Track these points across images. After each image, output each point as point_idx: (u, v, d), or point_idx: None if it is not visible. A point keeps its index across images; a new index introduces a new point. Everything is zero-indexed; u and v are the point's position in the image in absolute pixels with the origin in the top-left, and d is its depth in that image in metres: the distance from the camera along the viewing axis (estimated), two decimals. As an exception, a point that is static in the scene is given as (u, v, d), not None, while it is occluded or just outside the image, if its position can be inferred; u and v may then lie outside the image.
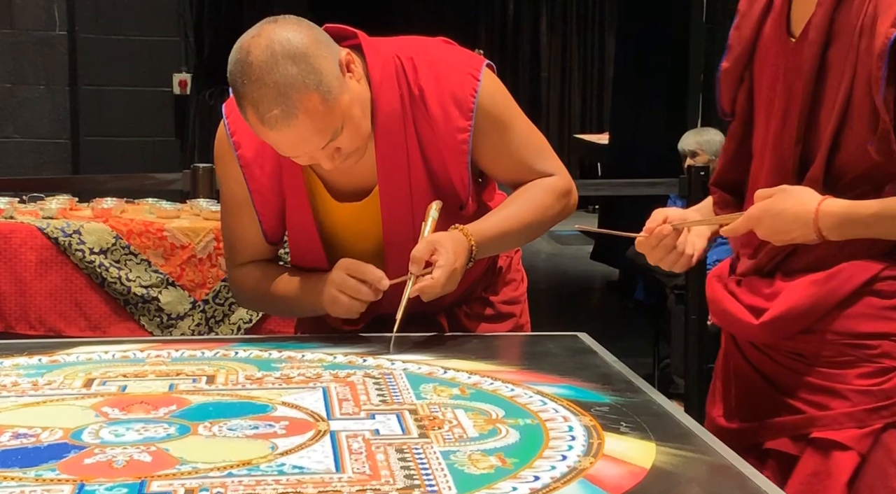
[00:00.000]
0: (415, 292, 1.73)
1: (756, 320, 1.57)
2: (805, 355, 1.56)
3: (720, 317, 1.68)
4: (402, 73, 1.81)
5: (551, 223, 1.95)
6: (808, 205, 1.48)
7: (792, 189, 1.51)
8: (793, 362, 1.58)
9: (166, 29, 5.13)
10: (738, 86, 1.63)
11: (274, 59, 1.61)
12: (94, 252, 2.94)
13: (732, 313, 1.62)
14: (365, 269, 1.78)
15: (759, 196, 1.52)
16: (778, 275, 1.58)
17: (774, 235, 1.51)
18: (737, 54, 1.62)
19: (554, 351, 1.80)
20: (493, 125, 1.85)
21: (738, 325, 1.63)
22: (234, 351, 1.76)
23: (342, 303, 1.79)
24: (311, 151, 1.70)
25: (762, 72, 1.60)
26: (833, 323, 1.53)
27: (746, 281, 1.62)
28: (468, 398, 1.48)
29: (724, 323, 1.68)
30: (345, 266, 1.79)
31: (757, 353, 1.63)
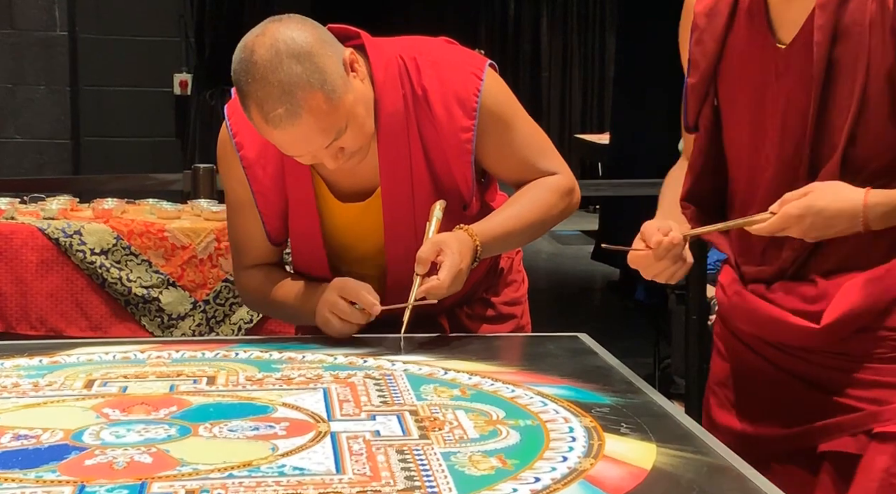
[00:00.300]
0: (421, 293, 1.73)
1: (815, 324, 1.53)
2: (851, 353, 1.54)
3: (760, 326, 1.62)
4: (406, 73, 1.81)
5: (555, 222, 1.95)
6: (853, 198, 1.47)
7: (827, 185, 1.49)
8: (838, 362, 1.55)
9: (167, 29, 5.14)
10: (703, 101, 1.63)
11: (278, 58, 1.61)
12: (94, 252, 2.94)
13: (782, 320, 1.57)
14: (358, 292, 1.78)
15: (790, 197, 1.49)
16: (814, 276, 1.56)
17: (815, 232, 1.48)
18: (703, 69, 1.62)
19: (554, 351, 1.80)
20: (496, 124, 1.85)
21: (791, 332, 1.57)
22: (234, 352, 1.76)
23: (333, 326, 1.80)
24: (315, 150, 1.70)
25: (737, 82, 1.59)
26: (886, 319, 1.52)
27: (779, 287, 1.59)
28: (469, 399, 1.48)
29: (768, 332, 1.61)
30: (339, 287, 1.79)
31: (789, 357, 1.60)
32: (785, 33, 1.54)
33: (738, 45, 1.59)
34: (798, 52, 1.52)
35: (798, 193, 1.49)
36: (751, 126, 1.59)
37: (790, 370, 1.60)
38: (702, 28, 1.62)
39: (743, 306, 1.63)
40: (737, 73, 1.60)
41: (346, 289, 1.79)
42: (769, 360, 1.62)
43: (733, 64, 1.60)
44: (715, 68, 1.61)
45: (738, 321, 1.66)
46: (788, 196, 1.49)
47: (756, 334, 1.63)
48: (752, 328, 1.63)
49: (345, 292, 1.79)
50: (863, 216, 1.47)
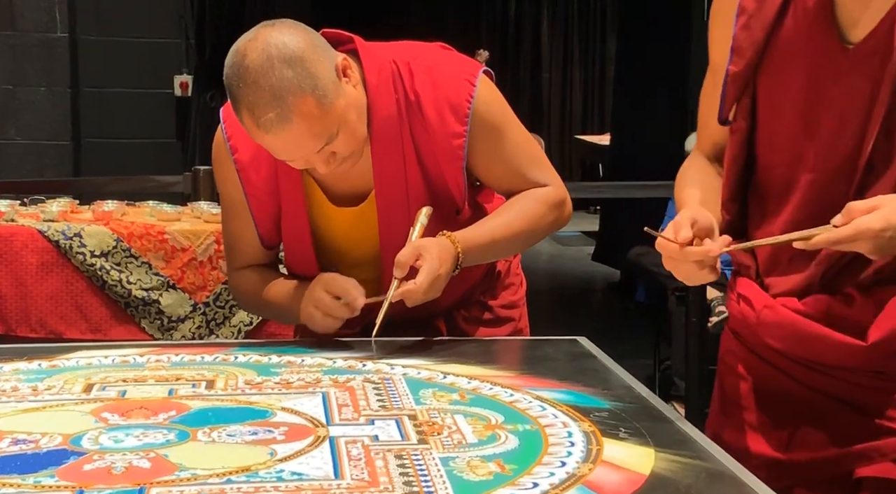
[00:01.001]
0: (397, 297, 1.73)
1: (862, 341, 1.43)
2: (891, 373, 1.45)
3: (796, 343, 1.50)
4: (399, 77, 1.81)
5: (543, 233, 1.94)
6: None
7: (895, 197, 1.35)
8: (878, 381, 1.46)
9: (167, 30, 5.14)
10: (743, 92, 1.53)
11: (270, 63, 1.62)
12: (94, 255, 2.94)
13: (823, 336, 1.46)
14: (342, 287, 1.78)
15: (857, 208, 1.35)
16: (849, 290, 1.45)
17: (891, 249, 1.34)
18: (748, 57, 1.50)
19: (553, 355, 1.80)
20: (487, 132, 1.85)
21: (833, 349, 1.46)
22: (233, 355, 1.76)
23: (317, 320, 1.80)
24: (307, 155, 1.70)
25: (783, 77, 1.49)
26: None
27: (813, 301, 1.48)
28: (467, 403, 1.48)
29: (804, 349, 1.50)
30: (323, 281, 1.80)
31: (822, 376, 1.49)
32: (854, 32, 1.43)
33: (790, 37, 1.47)
34: (868, 53, 1.42)
35: (867, 205, 1.35)
36: (795, 125, 1.48)
37: (824, 390, 1.49)
38: (750, 13, 1.50)
39: (775, 322, 1.51)
40: (784, 68, 1.48)
41: (331, 284, 1.79)
42: (798, 380, 1.52)
43: (781, 56, 1.48)
44: (760, 57, 1.49)
45: (769, 337, 1.53)
46: (855, 207, 1.35)
47: (789, 351, 1.52)
48: (786, 345, 1.52)
49: (329, 287, 1.79)
50: None
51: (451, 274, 1.79)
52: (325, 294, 1.78)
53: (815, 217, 1.45)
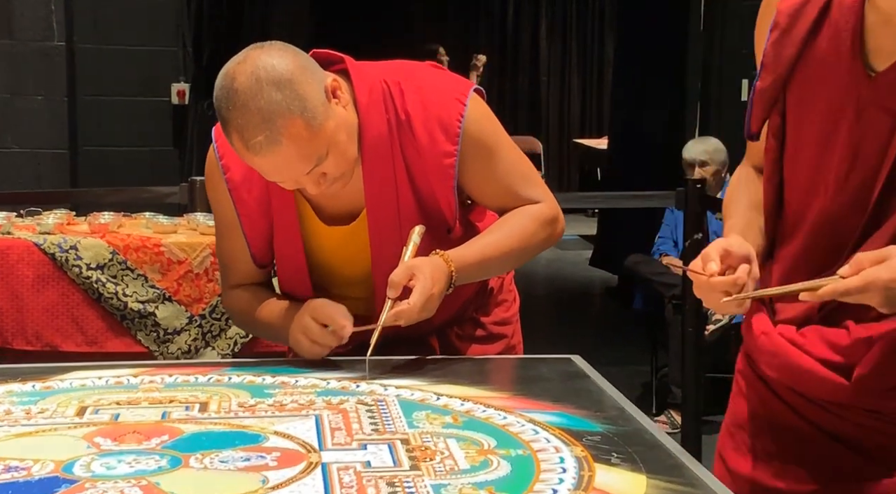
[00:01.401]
0: (391, 317, 1.74)
1: (845, 380, 1.41)
2: (886, 412, 1.42)
3: (786, 374, 1.49)
4: (390, 97, 1.81)
5: (536, 251, 1.94)
6: None
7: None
8: (871, 420, 1.43)
9: (164, 39, 5.14)
10: (772, 107, 1.50)
11: (259, 86, 1.62)
12: (90, 267, 2.94)
13: (809, 370, 1.44)
14: (330, 314, 1.78)
15: (866, 259, 1.31)
16: (848, 323, 1.42)
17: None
18: (777, 73, 1.47)
19: (547, 374, 1.80)
20: (479, 150, 1.85)
21: (818, 385, 1.44)
22: (227, 376, 1.76)
23: (304, 347, 1.81)
24: (297, 176, 1.71)
25: (811, 97, 1.46)
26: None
27: (810, 332, 1.45)
28: (461, 426, 1.48)
29: (795, 382, 1.48)
30: (311, 309, 1.80)
31: (817, 409, 1.47)
32: (879, 61, 1.40)
33: (819, 57, 1.45)
34: (889, 85, 1.39)
35: (876, 256, 1.30)
36: (814, 149, 1.46)
37: (818, 423, 1.48)
38: (783, 28, 1.47)
39: (770, 349, 1.51)
40: (812, 87, 1.46)
41: (318, 311, 1.80)
42: (795, 410, 1.50)
43: (809, 76, 1.46)
44: (789, 75, 1.48)
45: (764, 365, 1.53)
46: (862, 258, 1.31)
47: (781, 381, 1.51)
48: (778, 374, 1.50)
49: (316, 314, 1.79)
50: None
51: (445, 292, 1.79)
52: (312, 321, 1.79)
53: (823, 248, 1.45)
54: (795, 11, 1.47)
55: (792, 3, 1.48)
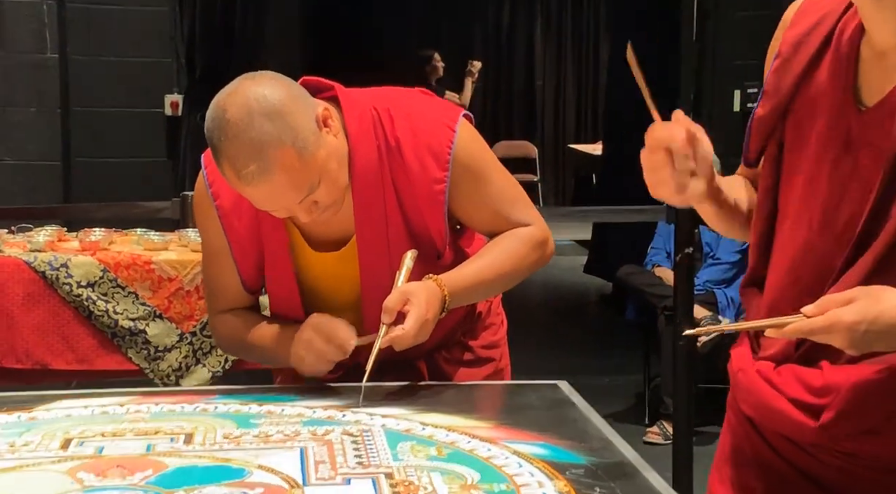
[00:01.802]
0: (386, 343, 1.74)
1: (814, 422, 1.39)
2: (861, 456, 1.40)
3: (760, 413, 1.48)
4: (379, 124, 1.82)
5: (526, 273, 1.95)
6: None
7: (873, 290, 1.30)
8: (847, 463, 1.41)
9: (158, 50, 5.14)
10: (770, 135, 1.50)
11: (250, 117, 1.63)
12: (81, 285, 2.95)
13: (780, 411, 1.43)
14: (333, 329, 1.79)
15: (832, 301, 1.31)
16: (824, 363, 1.40)
17: (864, 344, 1.30)
18: (775, 102, 1.47)
19: (533, 402, 1.80)
20: (469, 176, 1.86)
21: (789, 425, 1.43)
22: (214, 404, 1.76)
23: (308, 363, 1.81)
24: (288, 205, 1.72)
25: (806, 128, 1.46)
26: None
27: (787, 370, 1.44)
28: (445, 459, 1.49)
29: (768, 421, 1.47)
30: (313, 324, 1.80)
31: (795, 449, 1.46)
32: (869, 96, 1.40)
33: (816, 88, 1.45)
34: (876, 121, 1.38)
35: (842, 298, 1.30)
36: (807, 178, 1.45)
37: (795, 463, 1.46)
38: (785, 57, 1.48)
39: (746, 387, 1.50)
40: (807, 118, 1.46)
41: (321, 326, 1.80)
42: (774, 448, 1.48)
43: (806, 106, 1.46)
44: (787, 105, 1.48)
45: (741, 402, 1.52)
46: (831, 299, 1.31)
47: (757, 419, 1.50)
48: (754, 412, 1.49)
49: (319, 329, 1.80)
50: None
51: (439, 317, 1.79)
52: (315, 336, 1.79)
53: (808, 280, 1.44)
54: (799, 41, 1.48)
55: (796, 33, 1.49)
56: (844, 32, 1.44)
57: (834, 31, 1.45)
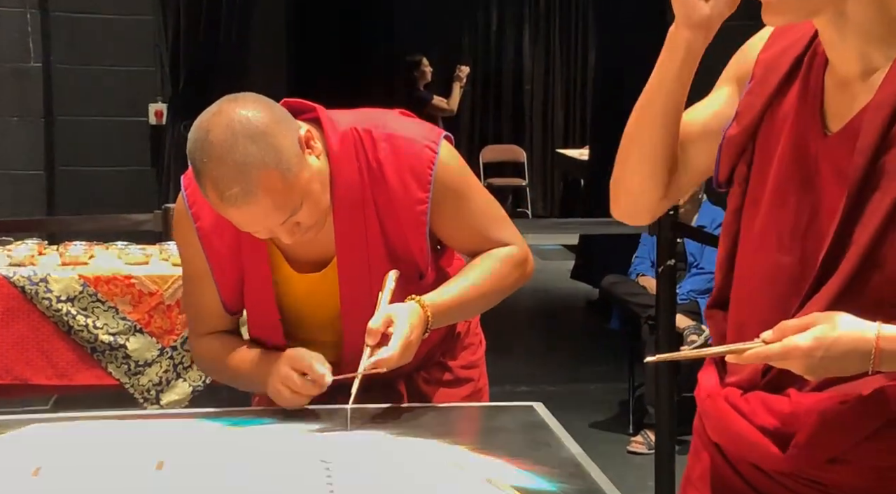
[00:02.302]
0: (370, 364, 1.74)
1: (780, 451, 1.39)
2: (827, 484, 1.39)
3: (728, 440, 1.47)
4: (361, 145, 1.83)
5: (507, 292, 1.96)
6: (866, 332, 1.29)
7: (831, 316, 1.31)
8: (813, 491, 1.40)
9: (142, 59, 5.12)
10: (740, 156, 1.50)
11: (234, 138, 1.63)
12: (60, 300, 2.94)
13: (748, 438, 1.42)
14: (310, 363, 1.79)
15: (789, 327, 1.32)
16: (791, 391, 1.40)
17: (822, 370, 1.31)
18: (746, 123, 1.47)
19: (508, 425, 1.81)
20: (450, 197, 1.86)
21: (756, 452, 1.42)
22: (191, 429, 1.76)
23: (284, 398, 1.81)
24: (271, 227, 1.72)
25: (773, 150, 1.46)
26: (864, 453, 1.36)
27: (754, 398, 1.43)
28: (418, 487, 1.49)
29: (736, 448, 1.46)
30: (290, 358, 1.80)
31: (764, 479, 1.45)
32: (833, 122, 1.41)
33: (785, 111, 1.45)
34: (840, 147, 1.38)
35: (799, 324, 1.31)
36: (772, 200, 1.45)
37: (761, 490, 1.45)
38: (757, 80, 1.48)
39: (714, 414, 1.49)
40: (774, 140, 1.46)
41: (296, 361, 1.80)
42: (741, 475, 1.48)
43: (773, 128, 1.46)
44: (757, 126, 1.48)
45: (709, 428, 1.51)
46: (788, 325, 1.32)
47: (724, 446, 1.49)
48: (721, 439, 1.49)
49: (295, 363, 1.80)
50: (875, 355, 1.29)
51: (422, 338, 1.80)
52: (291, 371, 1.79)
53: (775, 300, 1.43)
54: (772, 63, 1.49)
55: (769, 56, 1.50)
56: (815, 57, 1.45)
57: (805, 54, 1.46)
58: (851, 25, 1.36)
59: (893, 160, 1.34)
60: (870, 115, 1.36)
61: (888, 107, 1.34)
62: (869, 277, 1.35)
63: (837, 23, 1.36)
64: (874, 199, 1.34)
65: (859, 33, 1.36)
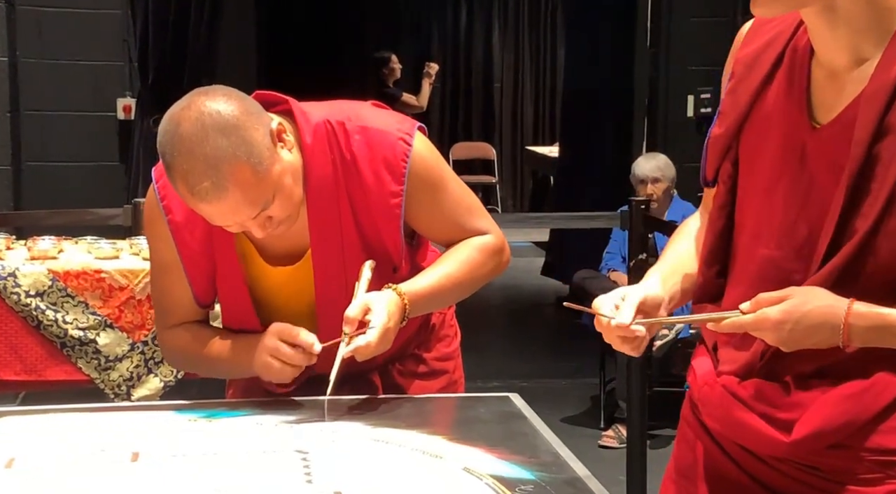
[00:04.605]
0: (348, 353, 1.74)
1: (786, 437, 1.40)
2: (824, 470, 1.41)
3: (727, 427, 1.48)
4: (334, 138, 1.81)
5: (483, 281, 1.96)
6: (836, 307, 1.33)
7: (807, 291, 1.35)
8: (810, 476, 1.42)
9: (110, 53, 5.07)
10: (725, 155, 1.52)
11: (204, 132, 1.62)
12: (29, 294, 2.90)
13: (750, 425, 1.44)
14: (297, 333, 1.78)
15: (765, 298, 1.36)
16: (788, 378, 1.42)
17: (793, 342, 1.35)
18: (730, 121, 1.49)
19: (484, 416, 1.80)
20: (425, 188, 1.86)
21: (758, 439, 1.44)
22: (161, 420, 1.74)
23: (274, 370, 1.79)
24: (242, 221, 1.71)
25: (761, 147, 1.48)
26: (864, 438, 1.38)
27: (752, 385, 1.45)
28: (396, 476, 1.48)
29: (734, 435, 1.48)
30: (277, 331, 1.79)
31: (759, 464, 1.46)
32: (822, 114, 1.42)
33: (770, 106, 1.47)
34: (832, 138, 1.39)
35: (774, 296, 1.36)
36: (762, 198, 1.47)
37: (758, 477, 1.47)
38: (738, 78, 1.50)
39: (712, 401, 1.49)
40: (762, 136, 1.47)
41: (284, 332, 1.79)
42: (737, 462, 1.49)
43: (760, 125, 1.48)
44: (742, 123, 1.49)
45: (707, 416, 1.52)
46: (764, 297, 1.36)
47: (722, 433, 1.50)
48: (721, 426, 1.50)
49: (283, 335, 1.78)
50: (844, 328, 1.33)
51: (400, 326, 1.79)
52: (280, 342, 1.78)
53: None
54: (752, 61, 1.50)
55: (748, 53, 1.51)
56: (796, 51, 1.46)
57: (786, 49, 1.47)
58: (841, 16, 1.36)
59: (888, 148, 1.35)
60: (864, 106, 1.36)
61: (882, 96, 1.35)
62: (864, 264, 1.36)
63: (827, 14, 1.37)
64: (872, 189, 1.36)
65: (849, 24, 1.36)
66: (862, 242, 1.36)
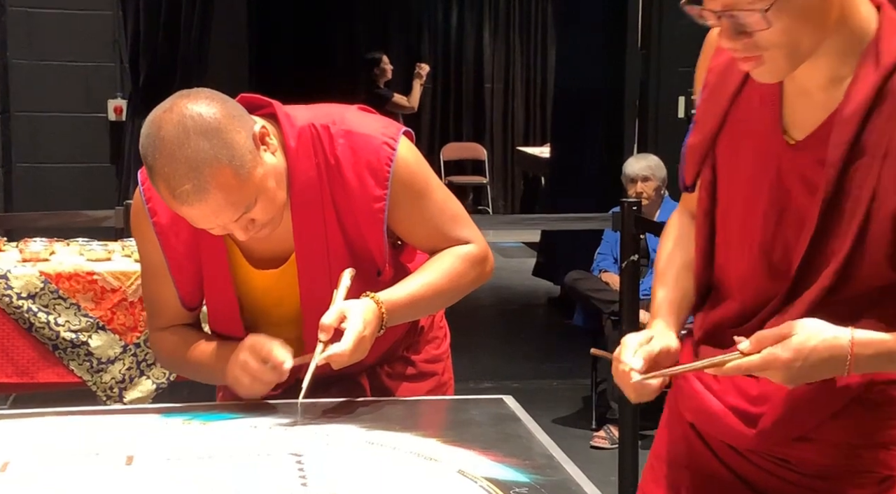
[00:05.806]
0: (323, 360, 1.74)
1: (750, 429, 1.45)
2: (793, 462, 1.46)
3: (701, 419, 1.53)
4: (319, 142, 1.81)
5: (466, 290, 1.95)
6: (840, 338, 1.34)
7: (808, 324, 1.35)
8: (780, 469, 1.47)
9: (101, 54, 5.05)
10: (703, 162, 1.53)
11: (186, 135, 1.62)
12: (21, 297, 2.90)
13: (719, 417, 1.48)
14: (270, 349, 1.77)
15: (766, 337, 1.36)
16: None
17: (800, 378, 1.36)
18: (706, 130, 1.51)
19: (478, 418, 1.80)
20: (408, 194, 1.85)
21: (727, 431, 1.49)
22: (154, 423, 1.74)
23: (244, 385, 1.79)
24: (225, 223, 1.71)
25: (737, 155, 1.49)
26: (828, 431, 1.43)
27: (724, 379, 1.48)
28: (390, 477, 1.48)
29: (707, 427, 1.52)
30: (250, 345, 1.79)
31: (735, 456, 1.51)
32: (796, 131, 1.43)
33: (745, 115, 1.48)
34: (805, 156, 1.41)
35: (775, 333, 1.36)
36: (744, 207, 1.48)
37: (732, 467, 1.51)
38: (712, 87, 1.51)
39: (687, 393, 1.54)
40: (738, 144, 1.49)
41: (256, 347, 1.78)
42: (713, 451, 1.53)
43: (736, 133, 1.49)
44: (717, 133, 1.51)
45: (682, 407, 1.57)
46: (764, 336, 1.36)
47: (697, 424, 1.54)
48: (694, 417, 1.54)
49: (255, 350, 1.78)
50: (850, 360, 1.34)
51: (377, 334, 1.79)
52: (251, 358, 1.78)
53: (747, 307, 1.47)
54: (724, 69, 1.50)
55: (721, 62, 1.51)
56: None
57: None
58: (823, 47, 1.37)
59: (861, 169, 1.36)
60: (838, 127, 1.37)
61: (856, 117, 1.36)
62: (845, 288, 1.39)
63: None
64: (846, 210, 1.37)
65: (829, 52, 1.38)
66: (841, 267, 1.38)
